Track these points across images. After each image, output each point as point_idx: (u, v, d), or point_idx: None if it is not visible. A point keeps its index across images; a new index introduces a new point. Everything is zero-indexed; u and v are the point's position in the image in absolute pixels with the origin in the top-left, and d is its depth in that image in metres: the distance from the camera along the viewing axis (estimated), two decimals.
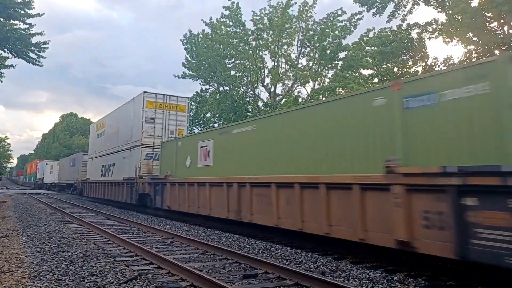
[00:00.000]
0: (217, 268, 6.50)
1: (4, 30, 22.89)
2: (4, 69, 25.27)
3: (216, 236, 10.32)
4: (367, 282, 5.71)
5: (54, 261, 6.77)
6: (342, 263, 6.92)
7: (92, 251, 7.81)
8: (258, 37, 27.51)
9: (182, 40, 29.69)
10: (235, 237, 10.09)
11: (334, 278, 5.91)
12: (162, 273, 6.17)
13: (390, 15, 21.42)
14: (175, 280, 5.75)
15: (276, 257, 7.55)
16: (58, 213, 16.93)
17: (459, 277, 5.87)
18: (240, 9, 27.67)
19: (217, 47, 27.76)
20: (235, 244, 9.05)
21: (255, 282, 5.68)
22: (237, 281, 5.70)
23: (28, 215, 15.37)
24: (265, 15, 27.69)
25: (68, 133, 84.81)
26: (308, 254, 7.67)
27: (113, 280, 5.62)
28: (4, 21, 23.01)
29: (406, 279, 5.90)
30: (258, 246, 8.64)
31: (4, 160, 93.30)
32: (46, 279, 5.61)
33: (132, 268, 6.38)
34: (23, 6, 22.88)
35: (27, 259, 6.95)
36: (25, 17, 23.25)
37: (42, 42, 24.36)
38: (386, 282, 5.72)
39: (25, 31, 23.88)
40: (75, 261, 6.78)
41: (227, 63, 28.58)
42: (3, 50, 24.01)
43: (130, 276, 5.82)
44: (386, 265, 6.78)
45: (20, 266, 6.47)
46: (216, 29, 28.12)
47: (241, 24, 27.64)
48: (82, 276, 5.78)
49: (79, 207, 20.59)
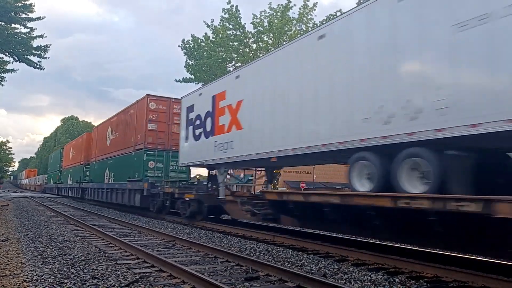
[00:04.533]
0: (218, 271, 6.50)
1: (5, 34, 22.98)
2: (5, 73, 25.39)
3: (218, 238, 10.31)
4: (369, 284, 5.71)
5: (56, 265, 6.77)
6: (344, 265, 6.91)
7: (94, 254, 7.80)
8: (259, 40, 27.55)
9: (181, 45, 29.62)
10: (236, 239, 10.09)
11: (335, 280, 5.90)
12: (164, 276, 6.16)
13: None
14: (176, 283, 5.74)
15: (278, 259, 7.55)
16: (60, 216, 16.93)
17: (462, 278, 5.87)
18: (239, 12, 27.73)
19: (218, 50, 27.80)
20: (236, 246, 9.04)
21: (256, 285, 5.67)
22: (238, 283, 5.69)
23: (29, 218, 15.37)
24: (265, 17, 27.73)
25: (69, 137, 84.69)
26: (310, 256, 7.66)
27: (114, 283, 5.61)
28: (5, 25, 23.09)
29: (408, 281, 5.89)
30: (259, 249, 8.63)
31: (5, 163, 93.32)
32: (48, 283, 5.60)
33: (133, 271, 6.37)
34: (24, 9, 22.96)
35: (29, 263, 6.94)
36: (26, 21, 23.33)
37: (44, 46, 24.45)
38: (387, 284, 5.71)
39: (26, 35, 23.96)
40: (76, 264, 6.77)
41: (228, 66, 28.61)
42: (4, 54, 24.10)
43: (132, 279, 5.81)
44: (387, 267, 6.77)
45: (21, 269, 6.46)
46: (218, 32, 28.17)
47: (240, 27, 27.69)
48: (83, 279, 5.77)
49: (81, 210, 20.60)
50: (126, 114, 21.22)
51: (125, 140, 20.64)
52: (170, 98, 18.76)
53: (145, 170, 17.78)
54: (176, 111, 18.10)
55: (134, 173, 18.61)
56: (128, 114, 20.74)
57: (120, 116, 22.53)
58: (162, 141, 18.20)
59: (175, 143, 17.31)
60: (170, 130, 18.43)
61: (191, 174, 20.71)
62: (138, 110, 19.17)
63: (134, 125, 19.49)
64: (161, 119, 18.33)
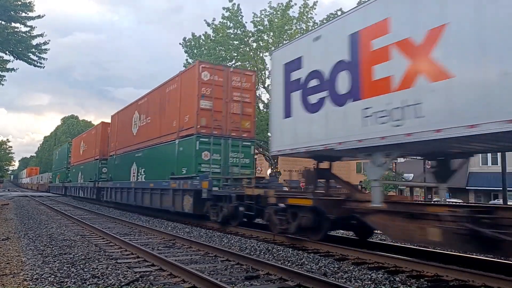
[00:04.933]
0: (219, 270, 6.49)
1: (5, 33, 22.95)
2: (5, 72, 25.37)
3: (218, 237, 10.30)
4: (369, 283, 5.70)
5: (56, 263, 6.77)
6: (344, 264, 6.90)
7: (94, 253, 7.80)
8: (259, 39, 27.52)
9: (182, 43, 29.66)
10: (236, 238, 10.08)
11: (336, 279, 5.90)
12: (164, 274, 6.16)
13: None
14: (177, 282, 5.74)
15: (278, 258, 7.54)
16: (60, 215, 16.94)
17: (462, 277, 5.86)
18: (240, 11, 27.72)
19: (218, 49, 27.78)
20: (236, 245, 9.04)
21: (257, 284, 5.67)
22: (239, 282, 5.69)
23: (29, 217, 15.37)
24: (266, 16, 27.68)
25: (69, 136, 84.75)
26: (310, 255, 7.65)
27: (115, 282, 5.61)
28: (5, 24, 23.07)
29: (408, 280, 5.89)
30: (259, 248, 8.63)
31: (5, 163, 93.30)
32: (48, 281, 5.60)
33: (134, 270, 6.37)
34: (24, 8, 22.93)
35: (29, 262, 6.94)
36: (25, 20, 23.30)
37: (43, 43, 24.41)
38: (388, 283, 5.71)
39: (26, 33, 23.93)
40: (76, 263, 6.77)
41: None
42: (4, 52, 24.08)
43: (132, 278, 5.81)
44: (388, 266, 6.77)
45: (22, 268, 6.46)
46: (219, 30, 28.14)
47: (241, 25, 27.67)
48: (84, 278, 5.77)
49: (81, 209, 20.60)
50: (163, 92, 16.69)
51: (163, 126, 16.30)
52: (227, 66, 14.86)
53: (198, 164, 13.40)
54: (236, 84, 14.30)
55: (179, 168, 14.27)
56: (167, 91, 16.29)
57: (152, 96, 18.08)
58: (218, 125, 13.85)
59: (235, 128, 14.12)
60: (228, 109, 14.14)
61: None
62: (185, 83, 14.84)
63: (177, 104, 15.10)
64: (218, 95, 13.93)
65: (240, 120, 14.27)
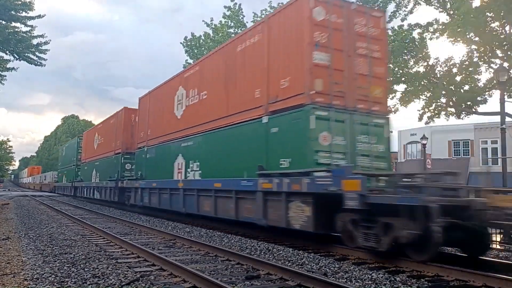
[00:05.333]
0: (219, 270, 6.49)
1: (6, 32, 22.96)
2: (6, 72, 25.38)
3: (218, 237, 10.30)
4: (370, 283, 5.70)
5: (56, 263, 6.77)
6: (345, 264, 6.90)
7: (94, 253, 7.80)
8: None
9: (183, 42, 29.65)
10: (236, 238, 10.08)
11: (336, 279, 5.89)
12: (165, 274, 6.16)
13: (391, 15, 21.47)
14: (177, 282, 5.74)
15: (278, 258, 7.54)
16: (60, 215, 16.94)
17: (462, 277, 5.85)
18: (242, 10, 27.72)
19: None
20: (237, 245, 9.04)
21: (257, 284, 5.67)
22: (239, 282, 5.69)
23: (30, 217, 15.38)
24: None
25: (69, 135, 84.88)
26: (310, 255, 7.65)
27: (115, 281, 5.61)
28: (6, 23, 23.09)
29: (409, 280, 5.88)
30: (260, 247, 8.62)
31: (6, 162, 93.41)
32: (48, 281, 5.61)
33: (134, 270, 6.38)
34: (24, 7, 22.95)
35: (29, 261, 6.94)
36: (26, 19, 23.32)
37: (44, 42, 24.43)
38: (389, 283, 5.70)
39: (27, 33, 23.95)
40: (77, 263, 6.77)
41: None
42: (4, 52, 24.10)
43: (133, 277, 5.81)
44: (388, 266, 6.77)
45: (22, 268, 6.46)
46: (219, 30, 28.13)
47: (242, 25, 27.65)
48: (84, 278, 5.77)
49: (81, 209, 20.60)
50: (230, 53, 11.80)
51: (232, 100, 11.41)
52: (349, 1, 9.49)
53: (315, 152, 8.44)
54: (361, 29, 9.36)
55: (274, 159, 9.43)
56: (238, 50, 11.35)
57: (209, 63, 13.22)
58: (340, 92, 8.89)
59: (363, 97, 9.16)
60: (352, 68, 9.13)
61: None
62: (280, 29, 9.75)
63: (262, 64, 10.14)
64: (337, 45, 9.00)
65: (369, 86, 9.27)
